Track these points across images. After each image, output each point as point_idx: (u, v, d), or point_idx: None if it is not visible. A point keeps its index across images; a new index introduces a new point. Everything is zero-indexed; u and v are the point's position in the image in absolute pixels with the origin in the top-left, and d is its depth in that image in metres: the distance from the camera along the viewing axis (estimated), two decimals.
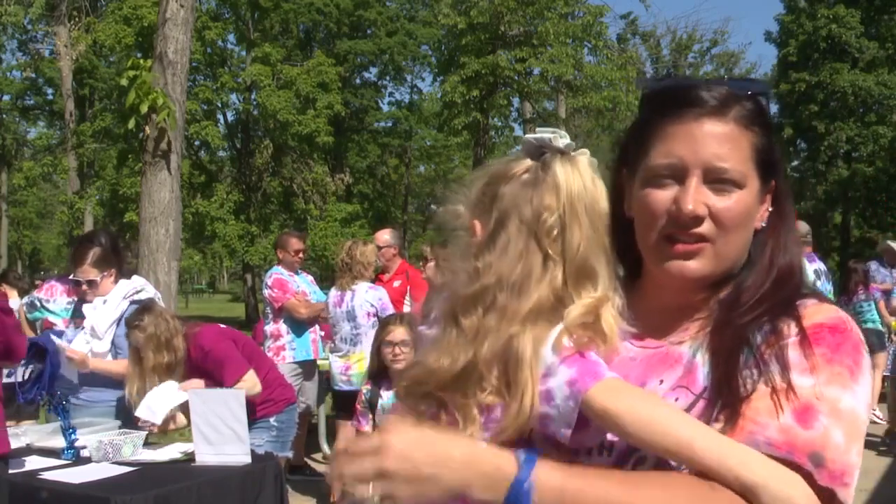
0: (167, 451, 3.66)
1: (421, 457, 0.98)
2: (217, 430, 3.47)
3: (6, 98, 29.13)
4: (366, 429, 3.81)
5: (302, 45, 26.68)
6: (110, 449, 3.51)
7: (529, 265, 1.10)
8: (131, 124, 6.95)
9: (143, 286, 4.39)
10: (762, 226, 1.16)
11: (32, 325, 5.96)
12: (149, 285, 4.53)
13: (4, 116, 29.48)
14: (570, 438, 1.04)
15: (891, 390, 7.68)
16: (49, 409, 4.08)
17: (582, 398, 1.01)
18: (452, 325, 1.12)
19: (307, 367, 6.28)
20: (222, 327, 4.25)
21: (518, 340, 1.06)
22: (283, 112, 21.12)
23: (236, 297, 44.11)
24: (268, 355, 5.49)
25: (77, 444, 3.62)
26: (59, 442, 3.66)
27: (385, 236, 6.48)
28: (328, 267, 21.85)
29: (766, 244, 1.16)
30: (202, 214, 21.17)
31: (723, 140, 1.09)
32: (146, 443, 3.73)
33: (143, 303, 4.13)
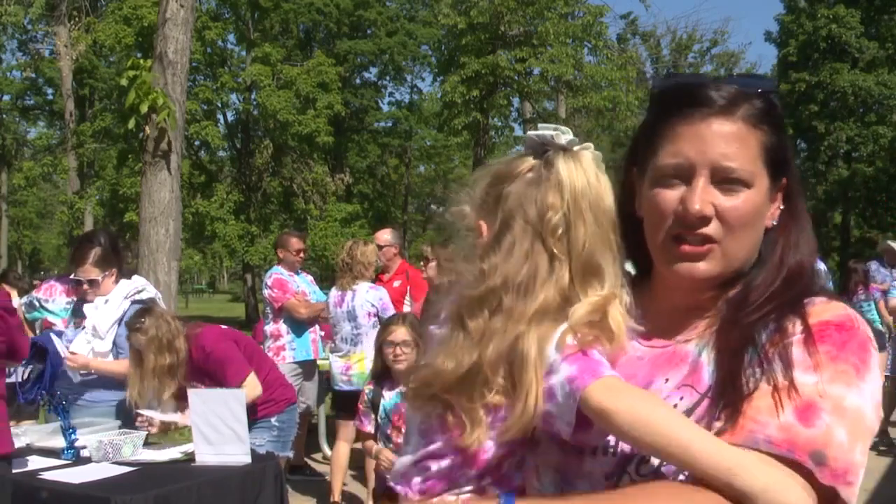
0: (167, 451, 3.66)
1: None
2: (217, 430, 3.47)
3: (6, 98, 29.16)
4: (368, 429, 3.80)
5: (302, 45, 26.68)
6: (110, 449, 3.51)
7: (535, 266, 1.10)
8: (131, 124, 6.95)
9: (144, 286, 4.40)
10: (773, 224, 1.15)
11: (31, 325, 5.95)
12: (149, 285, 4.53)
13: (4, 116, 29.50)
14: (574, 437, 1.04)
15: (890, 390, 7.67)
16: (49, 409, 4.08)
17: (580, 396, 1.00)
18: (459, 327, 1.12)
19: (307, 367, 6.28)
20: (223, 328, 4.24)
21: (523, 340, 1.06)
22: (283, 112, 21.12)
23: (236, 297, 44.10)
24: (269, 356, 5.49)
25: (77, 444, 3.61)
26: (59, 442, 3.66)
27: (385, 236, 6.49)
28: (328, 267, 21.86)
29: (777, 243, 1.15)
30: (202, 214, 21.17)
31: (730, 139, 1.08)
32: (146, 443, 3.73)
33: (143, 305, 4.13)
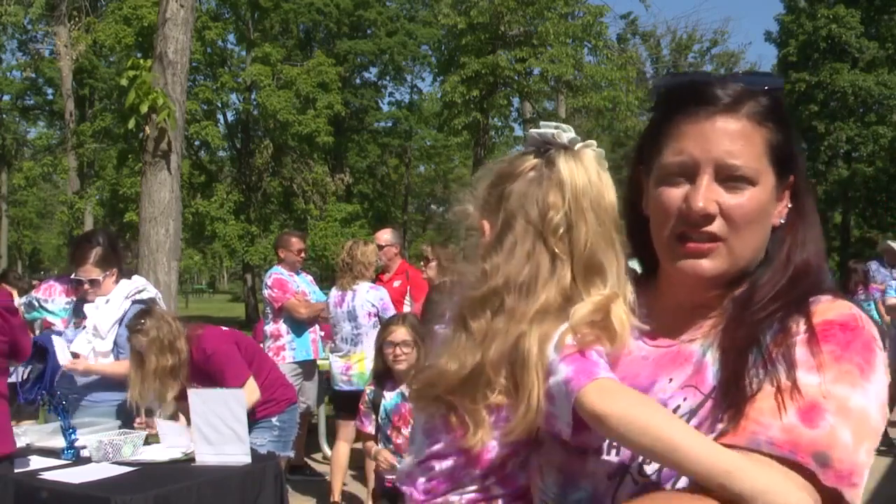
0: (167, 451, 3.66)
1: None
2: (217, 430, 3.46)
3: (6, 98, 29.16)
4: (369, 430, 3.80)
5: (302, 45, 26.67)
6: (110, 449, 3.51)
7: (537, 266, 1.10)
8: (131, 124, 6.94)
9: (145, 286, 4.40)
10: (781, 222, 1.14)
11: (30, 326, 5.96)
12: (149, 285, 4.54)
13: (4, 116, 29.50)
14: (575, 438, 1.04)
15: (890, 389, 7.67)
16: (49, 409, 4.08)
17: (574, 398, 1.00)
18: (461, 328, 1.12)
19: (307, 367, 6.28)
20: (224, 329, 4.23)
21: (525, 340, 1.06)
22: (283, 112, 21.11)
23: (236, 297, 44.10)
24: (269, 356, 5.48)
25: (77, 444, 3.61)
26: (59, 442, 3.66)
27: (386, 236, 6.49)
28: (328, 267, 21.87)
29: (784, 241, 1.14)
30: (202, 214, 21.16)
31: (735, 137, 1.07)
32: (146, 443, 3.73)
33: (143, 306, 4.13)
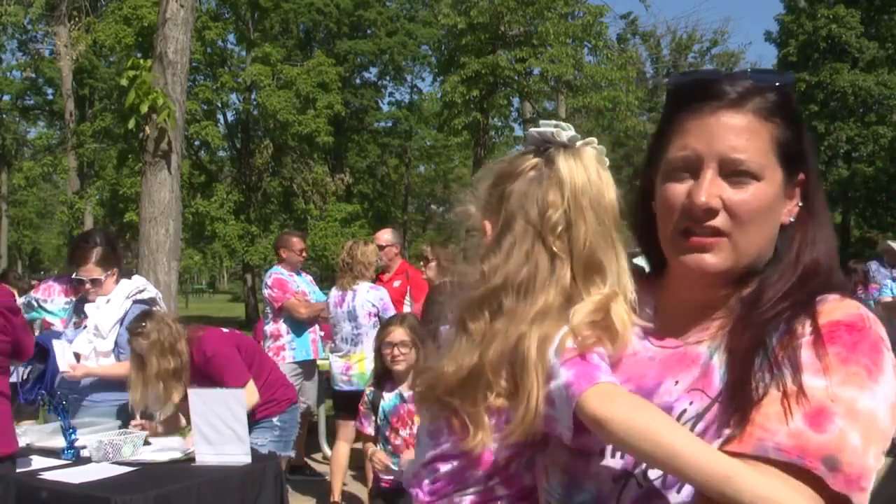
0: (167, 451, 3.66)
1: None
2: (217, 430, 3.46)
3: (6, 98, 29.16)
4: (368, 431, 3.79)
5: (302, 45, 26.67)
6: (110, 449, 3.50)
7: (536, 266, 1.09)
8: (131, 124, 6.93)
9: (145, 286, 4.40)
10: (790, 221, 1.12)
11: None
12: (149, 285, 4.53)
13: (4, 116, 29.49)
14: (576, 441, 1.03)
15: None
16: (49, 409, 4.07)
17: (575, 403, 0.99)
18: (462, 330, 1.11)
19: (307, 367, 6.28)
20: (225, 331, 4.22)
21: (524, 342, 1.05)
22: (283, 112, 21.11)
23: (236, 297, 44.09)
24: (270, 357, 5.48)
25: (77, 444, 3.61)
26: (59, 442, 3.66)
27: (386, 236, 6.49)
28: (328, 267, 21.86)
29: (794, 239, 1.12)
30: (202, 214, 21.17)
31: (740, 132, 1.06)
32: (146, 443, 3.73)
33: (144, 307, 4.13)
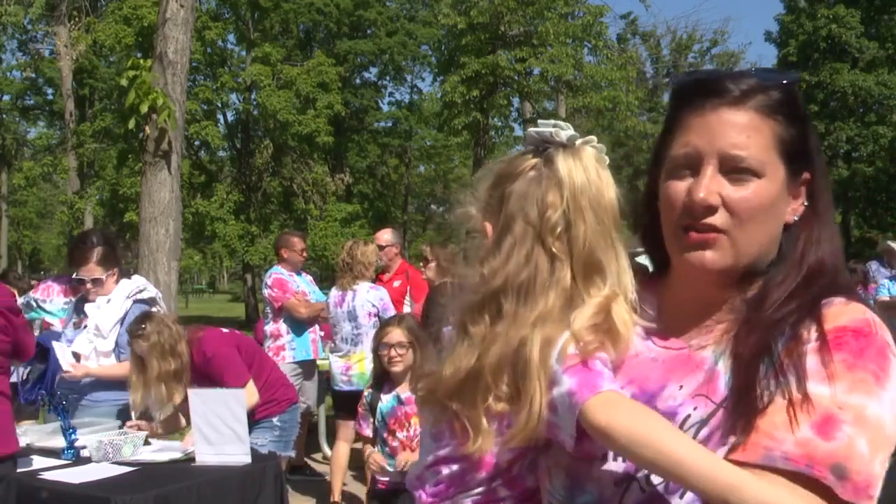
0: (167, 452, 3.66)
1: None
2: (217, 430, 3.46)
3: (6, 98, 29.16)
4: (367, 432, 3.79)
5: (302, 45, 26.68)
6: (110, 449, 3.50)
7: (536, 268, 1.08)
8: (131, 124, 6.94)
9: (145, 286, 4.40)
10: (795, 220, 1.11)
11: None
12: (149, 285, 4.54)
13: (4, 116, 29.48)
14: (578, 448, 1.03)
15: None
16: (49, 409, 4.08)
17: (578, 411, 0.99)
18: (463, 333, 1.11)
19: (307, 367, 6.28)
20: (225, 331, 4.21)
21: (526, 346, 1.04)
22: (283, 112, 21.12)
23: (236, 297, 44.09)
24: (270, 357, 5.48)
25: (77, 444, 3.61)
26: (59, 442, 3.66)
27: (386, 236, 6.49)
28: (328, 267, 21.86)
29: (799, 239, 1.10)
30: (202, 214, 21.17)
31: (741, 129, 1.05)
32: (146, 443, 3.73)
33: (144, 307, 4.13)
